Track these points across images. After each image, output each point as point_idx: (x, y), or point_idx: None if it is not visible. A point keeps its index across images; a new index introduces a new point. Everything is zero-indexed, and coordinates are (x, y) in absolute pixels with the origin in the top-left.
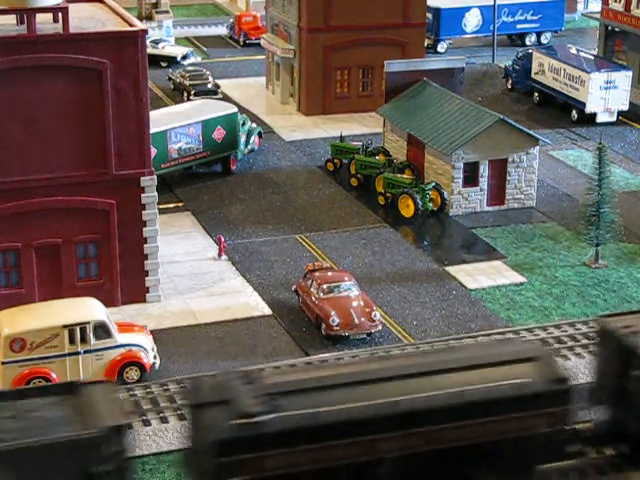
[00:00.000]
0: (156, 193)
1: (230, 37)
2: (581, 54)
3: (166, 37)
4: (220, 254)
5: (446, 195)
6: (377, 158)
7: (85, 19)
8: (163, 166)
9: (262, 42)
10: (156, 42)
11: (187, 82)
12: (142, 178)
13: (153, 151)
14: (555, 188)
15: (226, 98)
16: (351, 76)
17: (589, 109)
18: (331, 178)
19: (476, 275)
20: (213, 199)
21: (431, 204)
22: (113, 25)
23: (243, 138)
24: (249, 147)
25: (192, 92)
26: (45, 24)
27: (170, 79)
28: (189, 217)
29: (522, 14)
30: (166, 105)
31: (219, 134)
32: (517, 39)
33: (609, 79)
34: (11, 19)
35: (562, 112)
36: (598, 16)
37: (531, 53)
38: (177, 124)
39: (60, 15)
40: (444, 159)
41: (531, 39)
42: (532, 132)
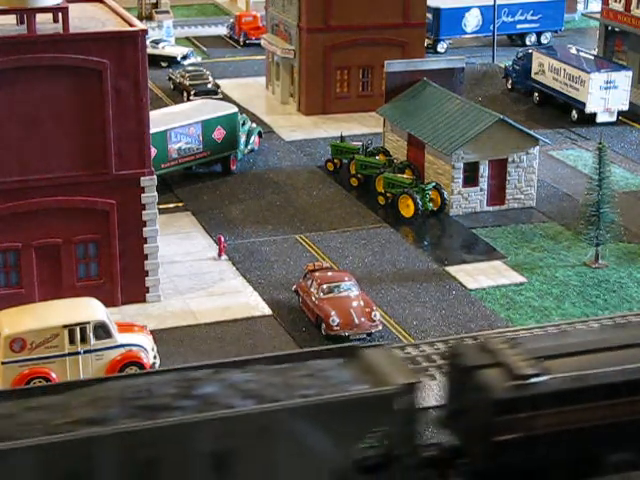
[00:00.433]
0: (156, 193)
1: (230, 37)
2: (581, 54)
3: (166, 37)
4: (220, 254)
5: (446, 195)
6: (377, 158)
7: (85, 19)
8: (163, 166)
9: (262, 42)
10: (156, 42)
11: (187, 82)
12: (142, 178)
13: (153, 151)
14: (555, 188)
15: (226, 98)
16: (351, 76)
17: (589, 109)
18: (331, 178)
19: (476, 275)
20: (213, 199)
21: (431, 204)
22: (113, 25)
23: (243, 138)
24: (249, 147)
25: (192, 92)
26: (45, 24)
27: (170, 79)
28: (189, 217)
29: (522, 14)
30: (166, 105)
31: (219, 134)
32: (517, 39)
33: (609, 79)
34: (11, 19)
35: (562, 112)
36: (598, 16)
37: (531, 53)
38: (177, 124)
39: (60, 15)
40: (444, 159)
41: (531, 39)
42: (532, 132)
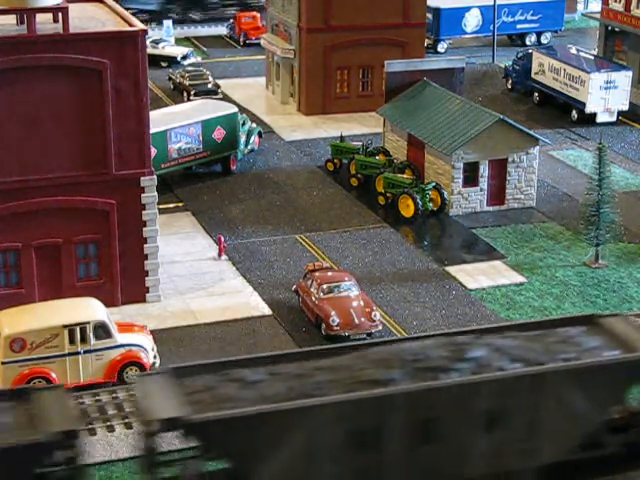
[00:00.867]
0: (156, 193)
1: (230, 37)
2: (581, 54)
3: (166, 37)
4: (220, 254)
5: (446, 195)
6: (377, 158)
7: (85, 19)
8: (163, 166)
9: (262, 42)
10: (156, 42)
11: (187, 82)
12: (142, 178)
13: (153, 151)
14: (555, 188)
15: (226, 98)
16: (351, 76)
17: (589, 109)
18: (331, 178)
19: (476, 275)
20: (213, 199)
21: (431, 204)
22: (113, 25)
23: (243, 138)
24: (249, 147)
25: (192, 92)
26: (45, 24)
27: (170, 79)
28: (189, 217)
29: (522, 14)
30: (166, 105)
31: (219, 134)
32: (517, 39)
33: (609, 79)
34: (11, 19)
35: (562, 112)
36: (598, 16)
37: (531, 53)
38: (177, 124)
39: (60, 15)
40: (444, 159)
41: (531, 39)
42: (532, 132)
